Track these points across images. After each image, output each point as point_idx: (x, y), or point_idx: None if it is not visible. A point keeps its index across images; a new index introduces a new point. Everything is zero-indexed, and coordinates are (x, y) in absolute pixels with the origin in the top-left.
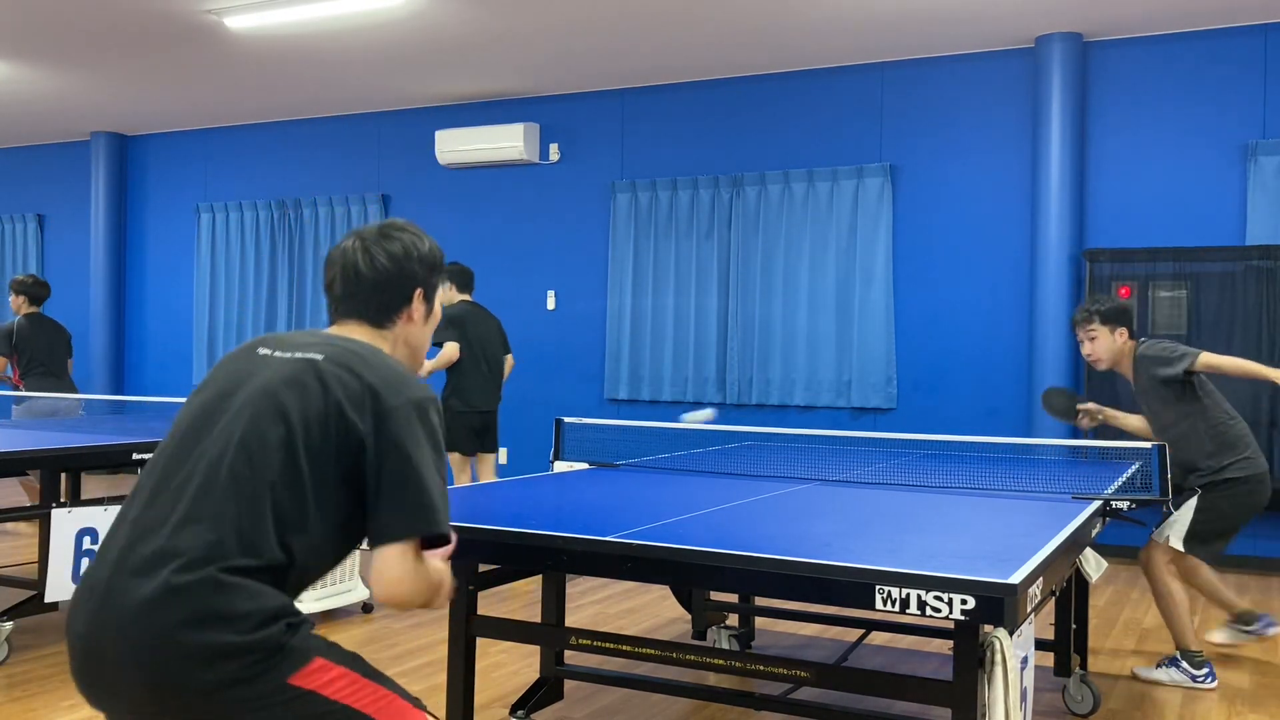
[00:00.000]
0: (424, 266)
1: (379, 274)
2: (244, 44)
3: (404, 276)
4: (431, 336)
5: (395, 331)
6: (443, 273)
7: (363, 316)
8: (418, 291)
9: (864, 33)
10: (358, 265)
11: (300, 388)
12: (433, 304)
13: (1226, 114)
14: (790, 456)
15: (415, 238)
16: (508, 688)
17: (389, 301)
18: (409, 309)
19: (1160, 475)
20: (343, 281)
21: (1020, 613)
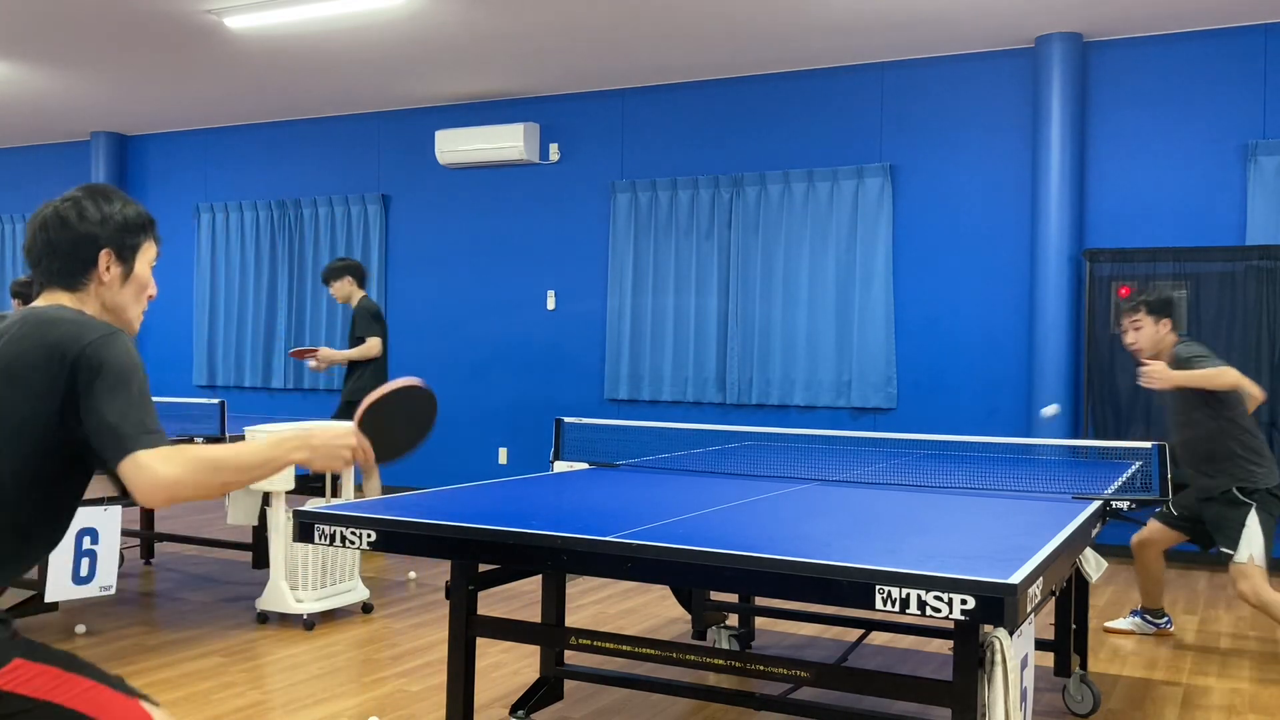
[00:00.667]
0: (110, 227)
1: (60, 236)
2: (244, 44)
3: (86, 239)
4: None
5: (90, 293)
6: (142, 235)
7: (56, 282)
8: (104, 252)
9: (864, 33)
10: (47, 229)
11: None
12: (132, 266)
13: (1226, 114)
14: (790, 456)
15: (102, 199)
16: (508, 688)
17: (74, 265)
18: (96, 270)
19: (1160, 475)
20: (31, 245)
21: (1020, 613)
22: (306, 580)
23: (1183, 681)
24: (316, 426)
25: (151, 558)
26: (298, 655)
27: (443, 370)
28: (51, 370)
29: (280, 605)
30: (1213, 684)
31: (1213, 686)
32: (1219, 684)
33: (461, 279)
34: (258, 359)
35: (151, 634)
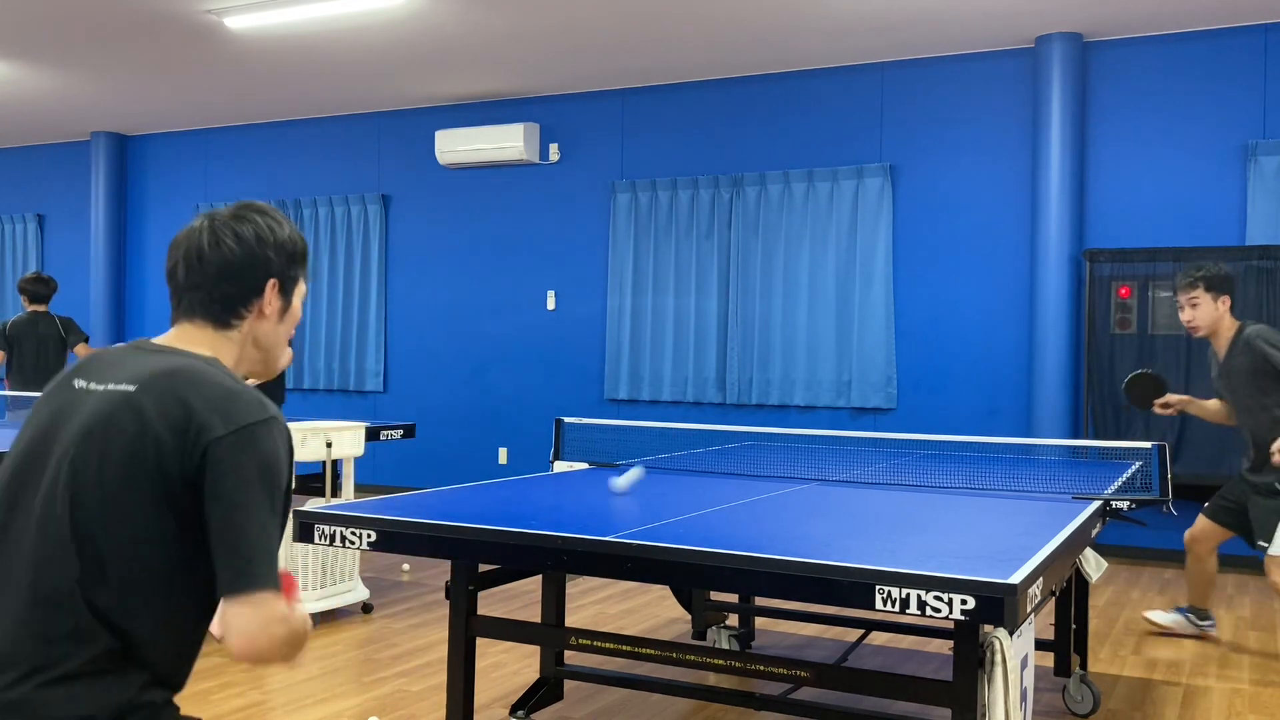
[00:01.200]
0: (280, 254)
1: (226, 259)
2: (244, 44)
3: (255, 263)
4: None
5: (243, 330)
6: (304, 266)
7: (205, 313)
8: (271, 282)
9: (864, 33)
10: (202, 248)
11: (114, 430)
12: (290, 300)
13: (1226, 114)
14: (790, 456)
15: (273, 221)
16: (508, 688)
17: (237, 292)
18: (260, 301)
19: (1160, 475)
20: (185, 268)
21: (1020, 613)
22: (306, 580)
23: (1183, 681)
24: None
25: None
26: None
27: (443, 370)
28: (181, 442)
29: None
30: (1213, 684)
31: (1213, 686)
32: (1219, 684)
33: (461, 279)
34: None
35: None
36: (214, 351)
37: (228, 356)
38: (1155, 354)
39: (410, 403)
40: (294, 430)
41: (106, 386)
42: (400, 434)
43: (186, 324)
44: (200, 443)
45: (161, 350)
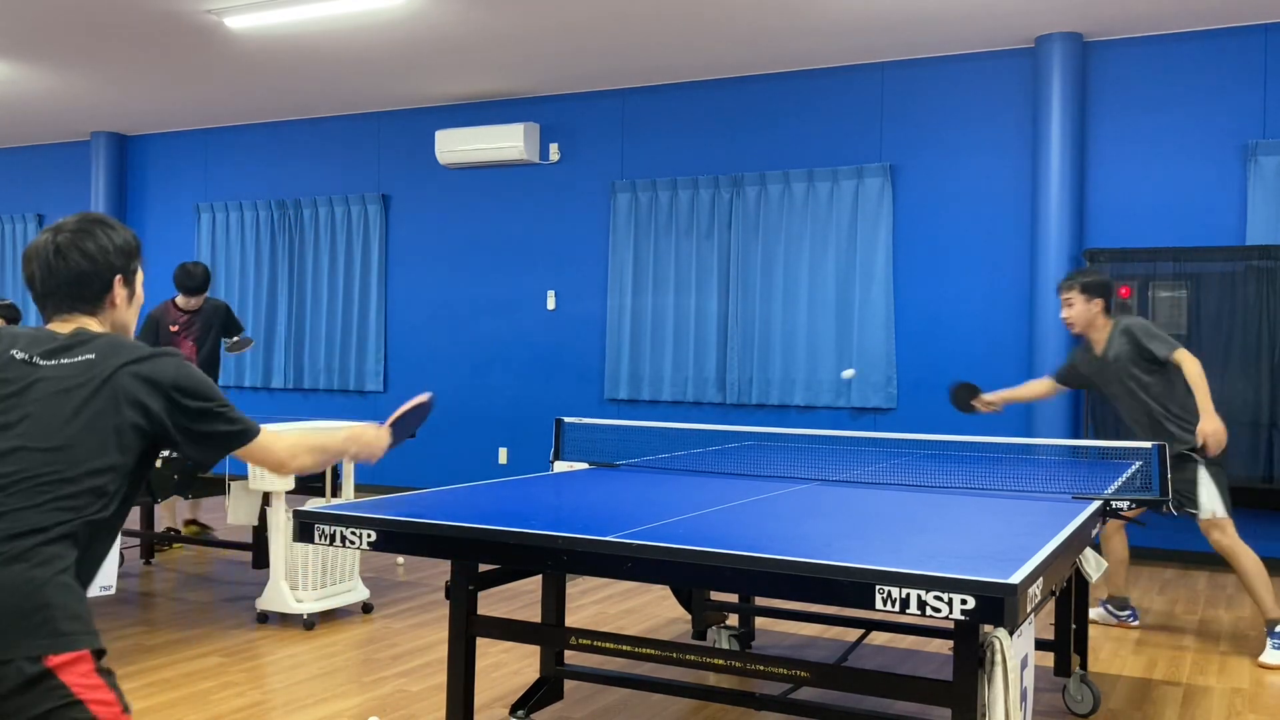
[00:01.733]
0: (120, 256)
1: (74, 270)
2: (244, 44)
3: (99, 270)
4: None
5: (105, 316)
6: (139, 258)
7: (76, 306)
8: (117, 278)
9: (864, 33)
10: (50, 263)
11: (103, 397)
12: (134, 288)
13: (1226, 114)
14: (790, 456)
15: (110, 231)
16: (508, 688)
17: (91, 293)
18: (111, 295)
19: (1160, 475)
20: (41, 279)
21: (1020, 613)
22: (306, 580)
23: (1183, 681)
24: (361, 426)
25: (151, 558)
26: (298, 655)
27: (443, 370)
28: (144, 397)
29: (280, 605)
30: (1213, 684)
31: (1213, 686)
32: (1219, 684)
33: (461, 279)
34: (257, 359)
35: (151, 634)
36: (99, 329)
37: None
38: None
39: None
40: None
41: (61, 360)
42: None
43: (64, 316)
44: (161, 387)
45: (82, 334)
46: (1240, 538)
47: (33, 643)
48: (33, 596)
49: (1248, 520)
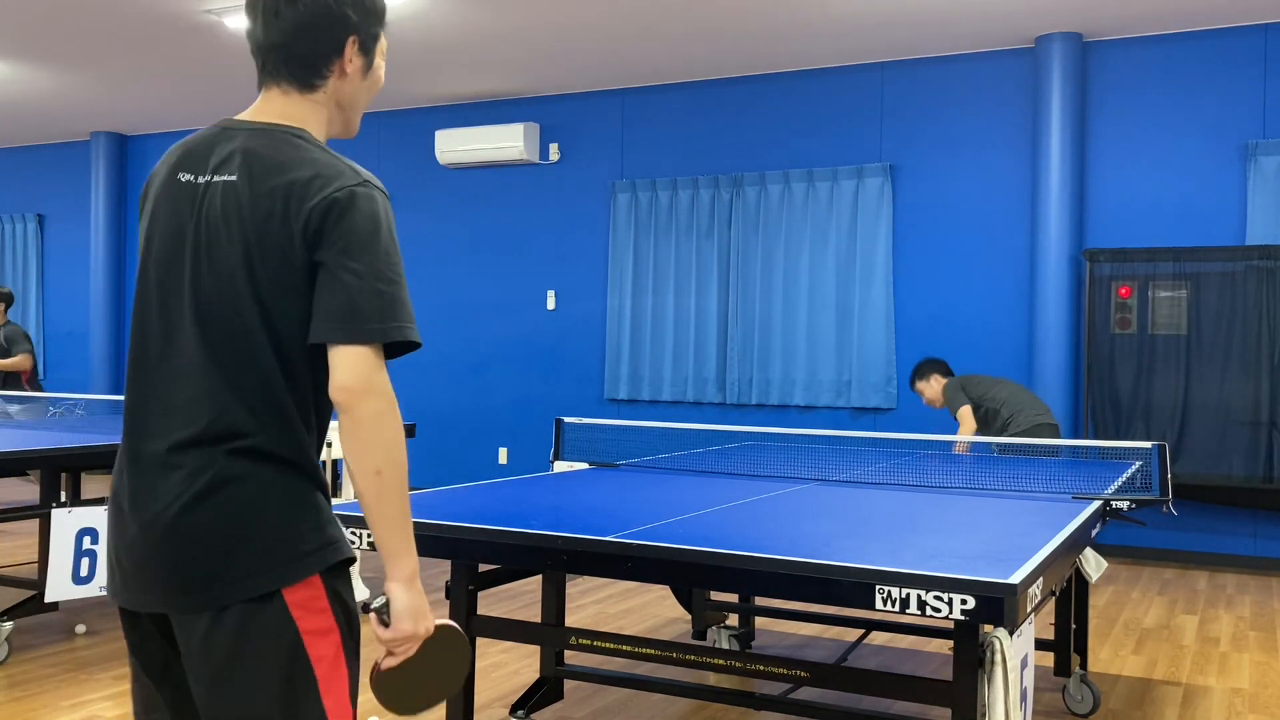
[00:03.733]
0: (358, 9)
1: (302, 14)
2: (244, 44)
3: (334, 18)
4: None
5: (328, 92)
6: (381, 22)
7: (289, 75)
8: (351, 38)
9: (864, 33)
10: (279, 3)
11: (229, 219)
12: (372, 60)
13: (1226, 114)
14: (790, 456)
15: None
16: (508, 688)
17: (316, 49)
18: (340, 60)
19: (1160, 475)
20: (263, 24)
21: (1020, 613)
22: None
23: (1183, 681)
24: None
25: None
26: None
27: (443, 370)
28: (283, 227)
29: None
30: (1213, 684)
31: (1213, 686)
32: (1219, 684)
33: (462, 279)
34: None
35: None
36: (301, 120)
37: (315, 123)
38: (1155, 354)
39: (410, 403)
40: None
41: (212, 179)
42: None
43: (273, 88)
44: (302, 213)
45: (254, 131)
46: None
47: None
48: None
49: (1248, 520)
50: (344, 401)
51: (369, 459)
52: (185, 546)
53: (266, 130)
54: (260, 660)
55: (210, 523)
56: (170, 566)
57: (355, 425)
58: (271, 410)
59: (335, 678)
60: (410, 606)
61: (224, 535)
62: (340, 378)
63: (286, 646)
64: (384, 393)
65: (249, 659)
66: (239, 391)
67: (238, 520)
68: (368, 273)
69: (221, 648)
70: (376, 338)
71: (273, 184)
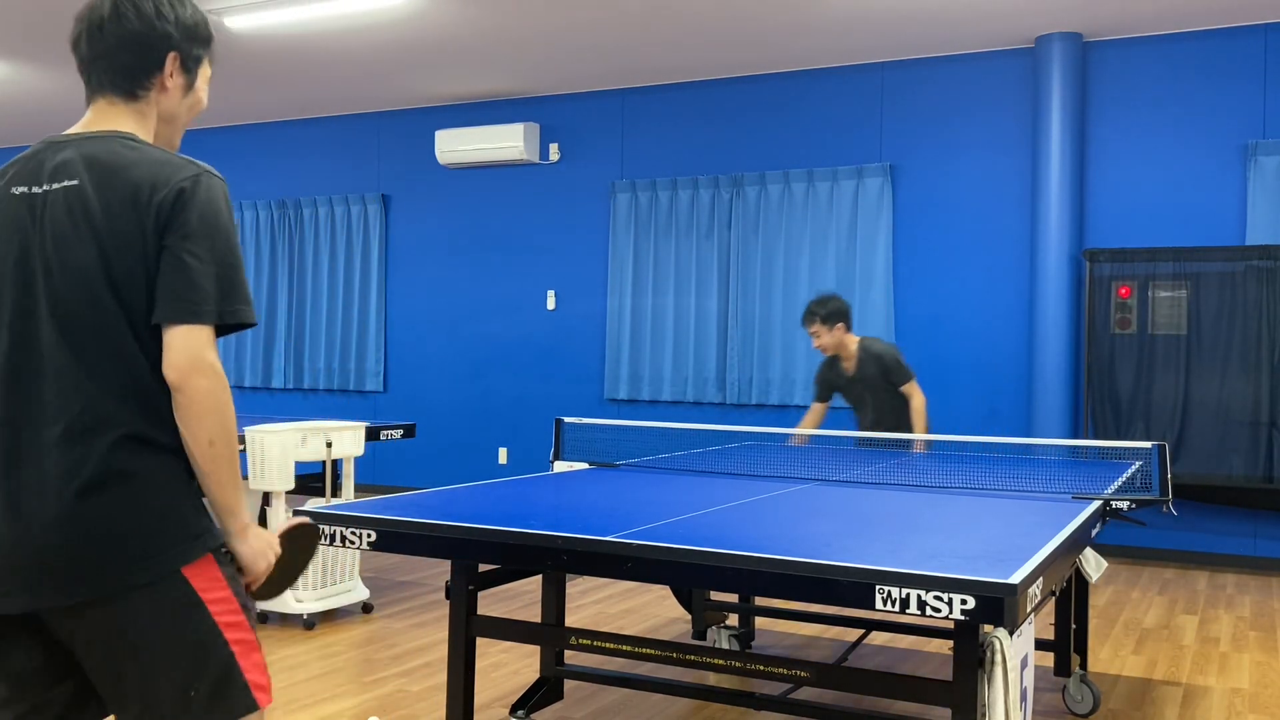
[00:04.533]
0: (180, 30)
1: (126, 30)
2: (244, 44)
3: (155, 34)
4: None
5: (150, 102)
6: (207, 47)
7: (113, 86)
8: (171, 55)
9: (864, 33)
10: (104, 19)
11: (73, 221)
12: (194, 80)
13: (1226, 114)
14: (790, 456)
15: (180, 4)
16: (508, 688)
17: (138, 63)
18: (161, 75)
19: (1160, 475)
20: (88, 39)
21: (1020, 613)
22: (306, 580)
23: (1183, 681)
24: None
25: None
26: (298, 655)
27: (443, 370)
28: (136, 222)
29: (280, 605)
30: (1213, 684)
31: (1213, 686)
32: (1219, 684)
33: (461, 279)
34: (257, 359)
35: None
36: (130, 127)
37: (142, 131)
38: (1155, 354)
39: (410, 403)
40: (294, 430)
41: (50, 187)
42: (400, 434)
43: (101, 100)
44: (148, 208)
45: (82, 138)
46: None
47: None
48: None
49: (1248, 520)
50: (176, 380)
51: (202, 432)
52: (78, 538)
53: (100, 137)
54: (175, 633)
55: (102, 513)
56: (66, 559)
57: (189, 402)
58: (139, 399)
59: (242, 635)
60: (253, 551)
61: (117, 523)
62: (172, 357)
63: (195, 615)
64: (215, 370)
65: (164, 634)
66: (106, 384)
67: (129, 507)
68: (208, 257)
69: (137, 629)
70: (212, 319)
71: (119, 182)
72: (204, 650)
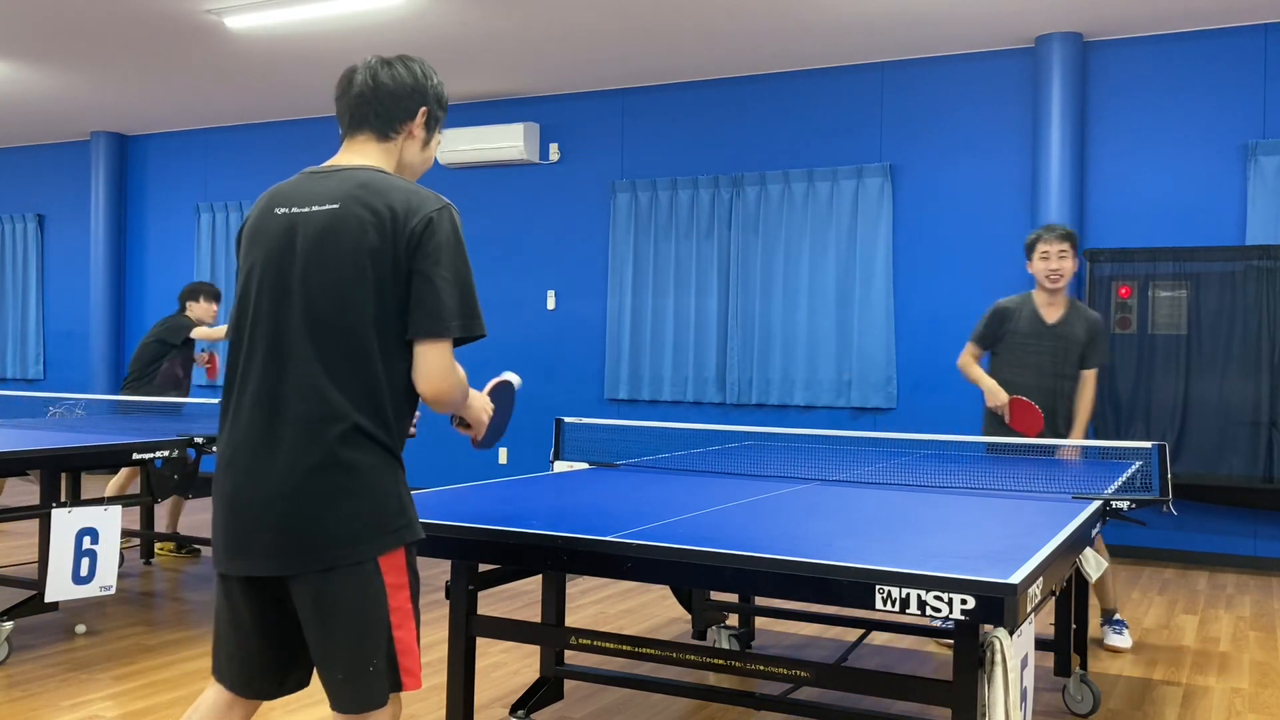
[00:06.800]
0: (434, 93)
1: (395, 84)
2: (244, 44)
3: (415, 91)
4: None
5: (398, 144)
6: (444, 115)
7: (372, 125)
8: (422, 109)
9: (864, 33)
10: (377, 74)
11: (331, 239)
12: (431, 135)
13: (1226, 114)
14: (790, 456)
15: (430, 69)
16: (508, 688)
17: (397, 111)
18: (412, 124)
19: (1160, 475)
20: (359, 88)
21: (1020, 613)
22: None
23: (1183, 681)
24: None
25: (151, 558)
26: None
27: None
28: (391, 237)
29: None
30: (1213, 684)
31: (1213, 686)
32: (1219, 684)
33: None
34: None
35: (151, 634)
36: (379, 163)
37: (389, 166)
38: (1155, 354)
39: None
40: None
41: (312, 209)
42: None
43: (356, 135)
44: (402, 232)
45: (342, 170)
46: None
47: None
48: None
49: (1247, 520)
50: (429, 393)
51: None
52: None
53: (356, 169)
54: (361, 612)
55: (322, 495)
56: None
57: (443, 408)
58: (369, 398)
59: (405, 623)
60: (474, 412)
61: (334, 506)
62: (425, 370)
63: (379, 600)
64: (460, 379)
65: (352, 610)
66: (342, 382)
67: (346, 494)
68: (451, 278)
69: (332, 602)
70: (455, 333)
71: (378, 204)
72: (378, 630)
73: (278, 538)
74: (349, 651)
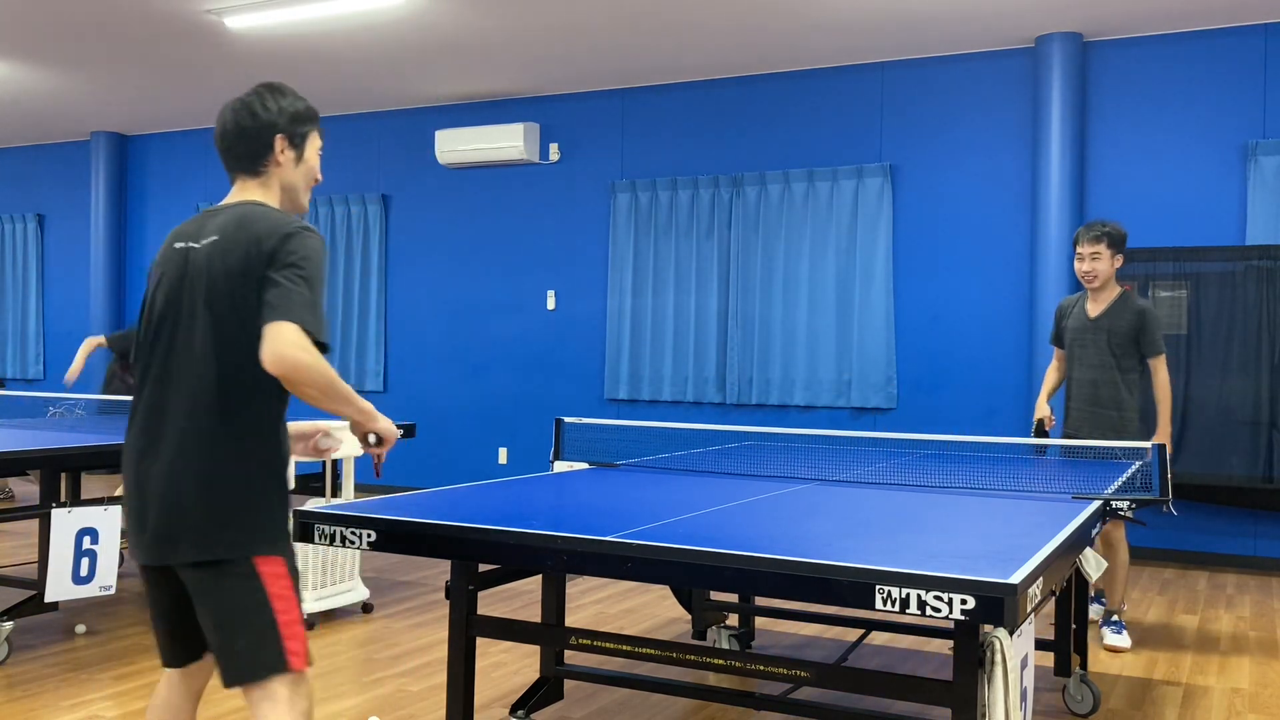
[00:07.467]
0: (286, 117)
1: (244, 126)
2: (244, 44)
3: (265, 127)
4: (305, 182)
5: (271, 174)
6: (309, 125)
7: (241, 167)
8: (278, 138)
9: (864, 33)
10: (226, 123)
11: (216, 265)
12: (303, 152)
13: (1226, 114)
14: (790, 456)
15: (275, 94)
16: (508, 688)
17: (256, 148)
18: (273, 154)
19: (1160, 475)
20: (221, 138)
21: (1020, 613)
22: (306, 580)
23: (1183, 681)
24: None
25: None
26: None
27: (443, 370)
28: (253, 257)
29: None
30: (1213, 684)
31: (1213, 686)
32: (1219, 684)
33: (461, 279)
34: None
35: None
36: (259, 197)
37: (269, 198)
38: None
39: (410, 403)
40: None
41: (201, 242)
42: (400, 434)
43: (235, 176)
44: (264, 251)
45: (229, 207)
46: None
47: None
48: None
49: (1247, 520)
50: (270, 361)
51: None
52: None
53: (238, 205)
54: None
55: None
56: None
57: (297, 388)
58: (241, 409)
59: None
60: (387, 429)
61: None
62: (268, 343)
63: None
64: (313, 357)
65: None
66: (215, 395)
67: (221, 490)
68: (299, 280)
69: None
70: (296, 319)
71: (246, 235)
72: (257, 615)
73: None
74: (229, 635)
